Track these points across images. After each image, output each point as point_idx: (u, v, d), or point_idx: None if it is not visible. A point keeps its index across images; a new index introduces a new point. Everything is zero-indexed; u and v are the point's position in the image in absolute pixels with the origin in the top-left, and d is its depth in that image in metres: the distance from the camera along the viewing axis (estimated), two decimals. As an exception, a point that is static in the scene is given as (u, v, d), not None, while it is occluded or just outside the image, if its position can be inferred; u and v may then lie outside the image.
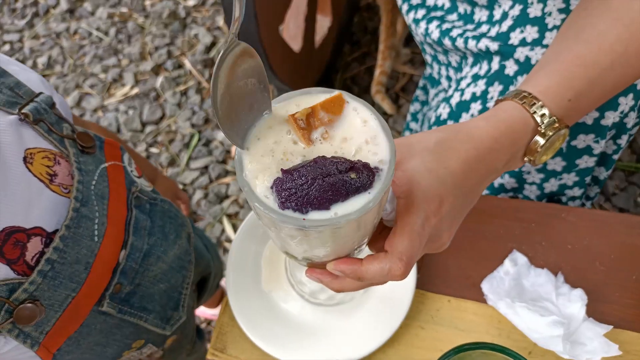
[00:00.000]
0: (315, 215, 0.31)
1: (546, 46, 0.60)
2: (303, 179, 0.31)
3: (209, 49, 1.75)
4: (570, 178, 0.67)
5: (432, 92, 0.87)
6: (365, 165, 0.33)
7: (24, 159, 0.45)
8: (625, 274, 0.57)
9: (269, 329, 0.57)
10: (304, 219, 0.31)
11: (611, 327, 0.51)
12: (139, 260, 0.55)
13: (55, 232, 0.46)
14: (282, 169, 0.32)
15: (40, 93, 0.49)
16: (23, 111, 0.46)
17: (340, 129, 0.34)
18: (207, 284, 0.84)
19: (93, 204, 0.49)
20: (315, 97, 0.35)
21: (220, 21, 1.80)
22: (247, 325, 0.57)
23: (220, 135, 1.58)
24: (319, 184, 0.31)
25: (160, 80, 1.71)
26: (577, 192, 0.69)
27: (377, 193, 0.32)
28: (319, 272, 0.41)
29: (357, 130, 0.34)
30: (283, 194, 0.31)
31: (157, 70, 1.75)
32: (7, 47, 1.90)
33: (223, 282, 1.14)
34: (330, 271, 0.40)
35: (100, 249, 0.49)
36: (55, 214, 0.46)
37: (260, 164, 0.33)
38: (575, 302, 0.53)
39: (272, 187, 0.32)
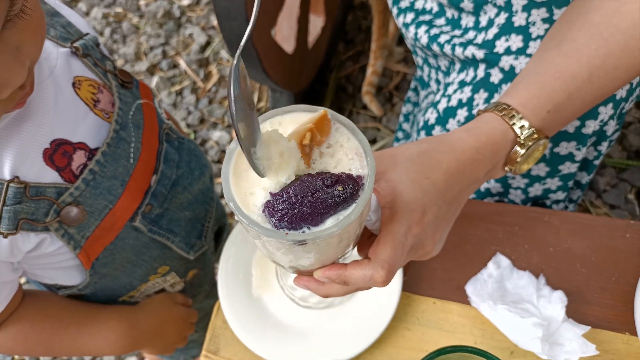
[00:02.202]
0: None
1: (530, 55, 0.61)
2: (293, 198, 0.33)
3: (203, 48, 1.76)
4: (553, 183, 0.69)
5: (422, 93, 0.88)
6: (350, 177, 0.34)
7: (73, 84, 0.54)
8: (605, 276, 0.59)
9: (261, 331, 0.59)
10: (286, 233, 0.33)
11: (589, 327, 0.53)
12: (168, 187, 0.63)
13: (97, 150, 0.54)
14: (270, 192, 0.33)
15: (87, 34, 0.57)
16: (74, 44, 0.54)
17: (327, 147, 0.36)
18: (222, 236, 0.93)
19: (130, 130, 0.57)
20: (298, 115, 0.37)
21: (214, 20, 1.81)
22: (239, 328, 0.59)
23: (215, 135, 1.59)
24: (309, 201, 0.33)
25: (155, 80, 1.72)
26: (560, 195, 0.71)
27: (358, 206, 0.34)
28: (306, 279, 0.43)
29: (342, 148, 0.36)
30: (276, 215, 0.33)
31: (152, 70, 1.75)
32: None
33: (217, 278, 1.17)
34: (317, 278, 0.42)
35: (134, 170, 0.57)
36: (98, 134, 0.54)
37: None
38: (555, 303, 0.55)
39: (263, 211, 0.33)
